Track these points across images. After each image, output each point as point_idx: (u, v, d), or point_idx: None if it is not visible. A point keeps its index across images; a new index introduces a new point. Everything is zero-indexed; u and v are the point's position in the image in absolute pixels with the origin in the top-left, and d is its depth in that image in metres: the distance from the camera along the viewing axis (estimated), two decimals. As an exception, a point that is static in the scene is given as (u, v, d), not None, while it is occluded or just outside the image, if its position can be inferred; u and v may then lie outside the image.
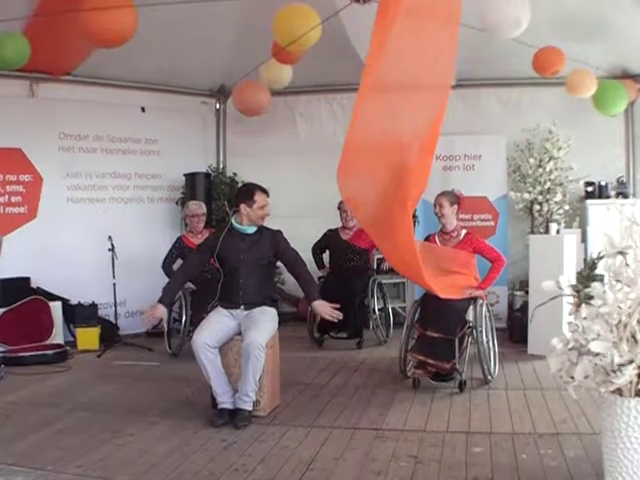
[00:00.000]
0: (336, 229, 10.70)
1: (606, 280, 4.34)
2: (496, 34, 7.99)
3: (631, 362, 4.04)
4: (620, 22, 9.43)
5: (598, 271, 4.54)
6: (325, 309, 6.83)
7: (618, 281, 4.27)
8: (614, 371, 4.07)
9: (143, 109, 11.92)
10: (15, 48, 8.23)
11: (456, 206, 8.22)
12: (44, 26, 8.36)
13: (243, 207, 7.06)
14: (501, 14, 7.64)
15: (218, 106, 13.09)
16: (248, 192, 7.14)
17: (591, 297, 4.29)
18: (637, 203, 10.74)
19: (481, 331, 7.78)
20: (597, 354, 4.14)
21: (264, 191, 7.18)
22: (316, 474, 5.33)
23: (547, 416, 6.64)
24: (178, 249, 10.15)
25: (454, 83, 11.81)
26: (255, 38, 9.18)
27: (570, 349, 4.32)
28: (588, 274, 4.41)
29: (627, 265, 4.28)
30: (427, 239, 8.44)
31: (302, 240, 8.34)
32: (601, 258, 4.49)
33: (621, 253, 4.31)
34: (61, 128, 11.13)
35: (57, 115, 11.03)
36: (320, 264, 10.81)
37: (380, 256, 11.08)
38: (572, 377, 4.29)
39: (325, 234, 10.81)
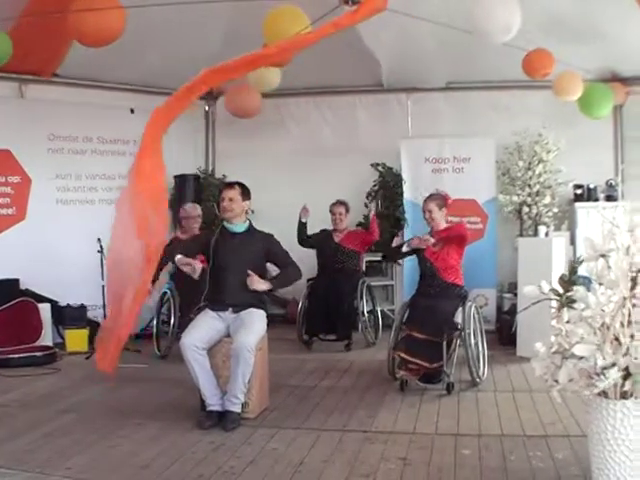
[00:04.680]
0: (330, 230, 10.71)
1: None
2: (486, 39, 8.00)
3: (614, 365, 4.06)
4: (610, 25, 9.45)
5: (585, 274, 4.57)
6: (254, 281, 6.96)
7: (600, 284, 4.29)
8: (598, 374, 4.09)
9: (132, 110, 11.91)
10: None
11: (444, 209, 8.23)
12: (31, 27, 8.35)
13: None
14: (491, 19, 7.65)
15: (207, 108, 13.08)
16: (219, 192, 7.49)
17: (573, 301, 4.31)
18: (619, 206, 10.77)
19: (469, 333, 7.78)
20: (581, 357, 4.16)
21: (227, 185, 7.53)
22: (305, 476, 5.33)
23: (536, 418, 6.66)
24: (171, 252, 10.10)
25: (444, 85, 11.91)
26: (244, 40, 9.15)
27: (554, 353, 4.34)
28: (569, 278, 4.43)
29: (609, 268, 4.30)
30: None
31: (291, 242, 8.35)
32: (582, 262, 4.51)
33: (603, 256, 4.33)
34: (50, 129, 11.11)
35: (46, 116, 11.00)
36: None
37: (370, 258, 11.13)
38: (557, 380, 4.31)
39: (321, 231, 10.80)
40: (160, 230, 6.75)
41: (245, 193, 7.20)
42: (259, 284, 6.97)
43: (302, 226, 10.61)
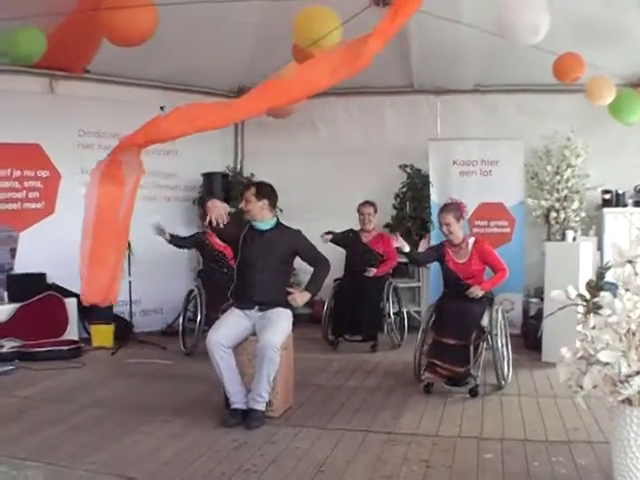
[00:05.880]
0: (357, 231, 10.69)
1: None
2: (514, 40, 7.97)
3: (638, 373, 4.05)
4: (639, 29, 9.40)
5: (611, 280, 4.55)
6: (296, 299, 7.03)
7: (627, 290, 4.27)
8: (622, 382, 4.08)
9: (162, 108, 11.91)
10: (30, 43, 8.25)
11: (462, 219, 8.20)
12: (67, 24, 8.40)
13: None
14: (518, 20, 7.62)
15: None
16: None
17: (599, 307, 4.29)
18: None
19: (496, 334, 7.76)
20: (606, 364, 4.15)
21: (246, 186, 7.64)
22: (327, 476, 5.34)
23: (559, 424, 6.63)
24: (197, 239, 10.21)
25: (471, 88, 11.88)
26: (275, 39, 9.18)
27: (579, 358, 4.33)
28: (596, 283, 4.41)
29: (636, 274, 4.28)
30: (441, 245, 8.39)
31: (318, 241, 8.35)
32: (609, 268, 4.49)
33: (630, 262, 4.31)
34: (80, 125, 11.19)
35: (76, 112, 11.06)
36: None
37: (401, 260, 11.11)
38: (581, 386, 4.30)
39: (349, 230, 10.74)
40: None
41: (260, 192, 7.16)
42: (302, 298, 7.04)
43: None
